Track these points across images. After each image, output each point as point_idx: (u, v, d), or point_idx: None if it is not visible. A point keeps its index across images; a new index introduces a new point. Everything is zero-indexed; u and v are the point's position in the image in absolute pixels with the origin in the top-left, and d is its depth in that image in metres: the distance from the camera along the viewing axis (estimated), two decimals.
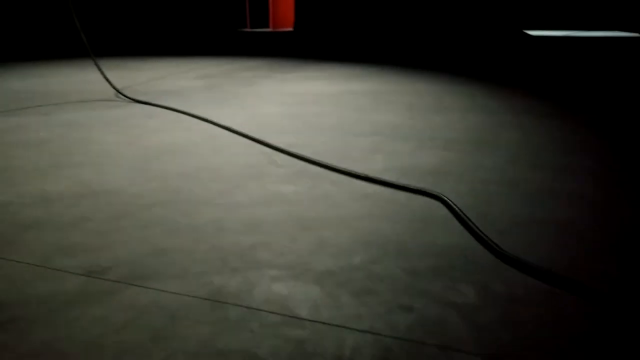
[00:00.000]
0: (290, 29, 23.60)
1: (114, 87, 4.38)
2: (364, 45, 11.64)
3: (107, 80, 4.40)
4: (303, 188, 2.02)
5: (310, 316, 1.14)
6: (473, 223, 1.63)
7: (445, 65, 6.77)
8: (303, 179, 2.13)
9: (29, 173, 2.21)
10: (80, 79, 5.38)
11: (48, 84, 5.06)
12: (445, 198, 1.82)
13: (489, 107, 3.76)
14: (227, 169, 2.29)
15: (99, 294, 1.25)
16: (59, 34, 15.04)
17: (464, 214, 1.70)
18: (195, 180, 2.13)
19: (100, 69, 4.39)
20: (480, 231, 1.57)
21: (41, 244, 1.53)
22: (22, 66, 6.72)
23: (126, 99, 4.10)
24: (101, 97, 4.25)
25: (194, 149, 2.62)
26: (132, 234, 1.60)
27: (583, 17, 17.38)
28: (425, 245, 1.51)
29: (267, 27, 23.16)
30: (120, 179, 2.13)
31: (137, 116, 3.46)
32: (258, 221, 1.69)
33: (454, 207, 1.75)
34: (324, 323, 1.12)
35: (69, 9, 4.36)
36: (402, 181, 2.05)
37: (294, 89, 4.71)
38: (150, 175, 2.18)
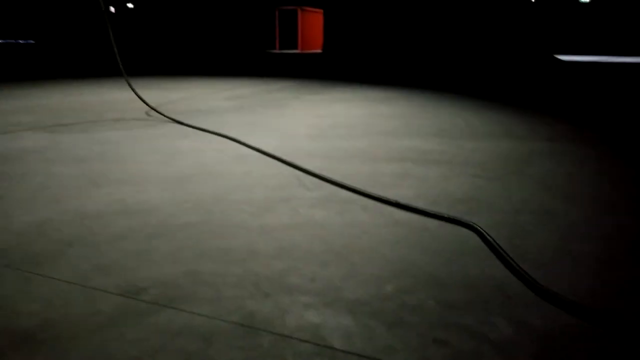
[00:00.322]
0: (318, 51, 23.91)
1: (148, 105, 4.49)
2: (392, 68, 11.70)
3: (141, 98, 4.52)
4: (333, 213, 2.03)
5: (343, 347, 1.14)
6: (507, 254, 1.60)
7: (474, 89, 6.75)
8: (333, 204, 2.13)
9: (69, 190, 2.28)
10: (117, 97, 5.55)
11: (86, 101, 5.23)
12: (479, 228, 1.80)
13: (520, 133, 3.72)
14: (258, 190, 2.31)
15: (135, 315, 1.27)
16: (99, 54, 15.55)
17: (497, 244, 1.67)
18: (227, 201, 2.15)
19: (132, 89, 4.51)
20: (515, 263, 1.54)
21: (79, 262, 1.57)
22: (63, 83, 6.97)
23: (160, 117, 4.20)
24: (136, 115, 4.37)
25: (225, 170, 2.66)
26: (166, 255, 1.62)
27: (616, 42, 17.10)
28: (459, 277, 1.49)
29: (296, 49, 23.53)
30: (155, 199, 2.18)
31: (171, 135, 3.54)
32: (289, 246, 1.70)
33: (488, 237, 1.72)
34: (358, 355, 1.11)
35: (108, 30, 4.51)
36: (433, 208, 2.03)
37: (323, 111, 4.76)
38: (183, 195, 2.22)
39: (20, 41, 31.40)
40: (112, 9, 29.00)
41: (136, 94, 4.51)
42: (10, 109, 4.64)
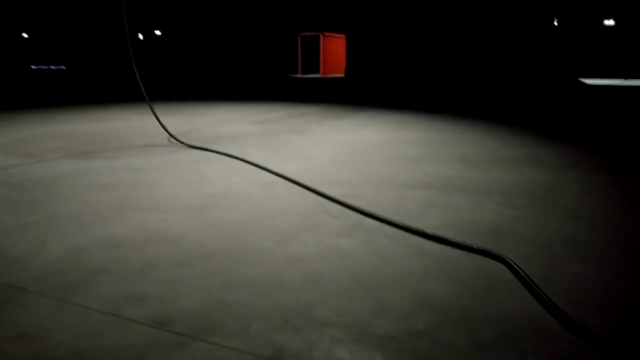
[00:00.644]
0: (340, 75, 24.17)
1: (169, 133, 4.55)
2: (414, 92, 11.72)
3: (163, 126, 4.58)
4: (359, 242, 2.02)
5: None
6: (539, 288, 1.57)
7: (497, 114, 6.70)
8: (358, 232, 2.13)
9: (99, 217, 2.33)
10: (144, 123, 5.67)
11: (115, 127, 5.36)
12: (509, 260, 1.77)
13: (546, 160, 3.67)
14: (283, 218, 2.32)
15: (166, 347, 1.28)
16: (127, 79, 15.98)
17: (529, 278, 1.64)
18: (252, 229, 2.17)
19: (156, 115, 4.57)
20: (548, 298, 1.51)
21: (110, 290, 1.59)
22: (93, 109, 7.18)
23: (187, 143, 4.27)
24: (163, 141, 4.45)
25: (250, 197, 2.68)
26: (195, 285, 1.63)
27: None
28: (490, 312, 1.46)
29: (318, 73, 23.82)
30: (182, 226, 2.20)
31: (196, 161, 3.60)
32: (316, 276, 1.70)
33: (519, 270, 1.69)
34: None
35: (131, 57, 4.63)
36: (461, 239, 2.01)
37: (346, 136, 4.78)
38: (210, 223, 2.25)
39: (52, 67, 32.53)
40: (140, 36, 29.88)
41: (159, 121, 4.57)
42: (43, 135, 4.78)
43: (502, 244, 1.99)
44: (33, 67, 32.68)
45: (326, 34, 23.66)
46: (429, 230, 2.10)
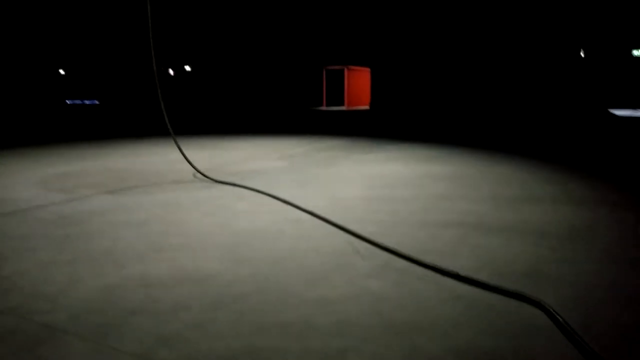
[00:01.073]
0: (364, 107, 24.39)
1: (196, 169, 4.61)
2: (441, 125, 11.70)
3: (190, 162, 4.64)
4: (390, 283, 1.99)
5: None
6: (578, 335, 1.51)
7: (526, 147, 6.62)
8: (389, 273, 2.10)
9: (132, 254, 2.36)
10: (175, 157, 5.79)
11: (148, 162, 5.49)
12: (546, 305, 1.71)
13: (579, 197, 3.58)
14: (313, 257, 2.31)
15: None
16: (158, 114, 16.41)
17: (567, 324, 1.58)
18: (282, 269, 2.16)
19: (182, 152, 4.63)
20: (589, 347, 1.44)
21: (143, 332, 1.60)
22: (126, 143, 7.38)
23: (217, 178, 4.34)
24: (191, 177, 4.53)
25: (279, 234, 2.68)
26: (225, 327, 1.63)
27: None
28: None
29: (342, 105, 24.09)
30: (213, 265, 2.21)
31: (226, 197, 3.64)
32: (347, 321, 1.67)
33: (557, 316, 1.63)
34: None
35: (158, 93, 4.76)
36: (496, 281, 1.96)
37: (373, 171, 4.78)
38: (240, 261, 2.25)
39: (86, 102, 33.79)
40: (171, 71, 30.88)
41: (185, 158, 4.63)
42: (79, 171, 4.93)
43: (538, 287, 1.93)
44: (68, 102, 34.01)
45: (350, 67, 24.01)
46: (462, 272, 2.06)
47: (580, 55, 17.54)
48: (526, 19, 17.88)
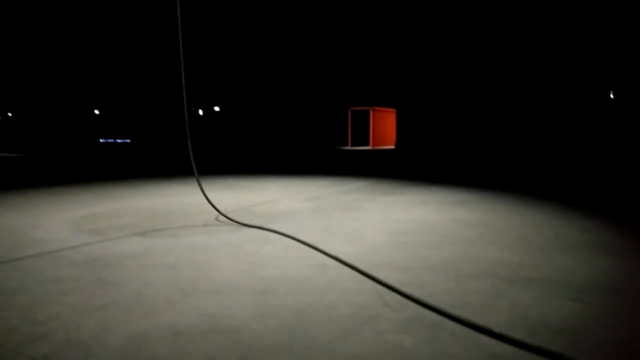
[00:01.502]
0: (388, 147, 24.47)
1: (220, 212, 4.65)
2: (466, 166, 11.62)
3: (213, 205, 4.68)
4: (422, 339, 1.94)
5: None
6: None
7: (557, 190, 6.49)
8: (420, 328, 2.05)
9: (160, 301, 2.37)
10: (200, 199, 5.87)
11: (176, 202, 5.58)
12: None
13: (617, 247, 3.47)
14: (340, 308, 2.28)
15: None
16: (187, 153, 16.79)
17: None
18: (309, 320, 2.14)
19: (205, 195, 4.68)
20: None
21: None
22: (156, 183, 7.54)
23: (243, 220, 4.37)
24: (219, 218, 4.58)
25: (306, 282, 2.66)
26: None
27: None
28: None
29: (367, 145, 24.23)
30: (242, 314, 2.20)
31: (253, 241, 3.65)
32: None
33: None
34: None
35: (187, 135, 4.88)
36: (531, 339, 1.89)
37: (399, 215, 4.74)
38: (268, 311, 2.24)
39: (118, 140, 34.86)
40: (200, 112, 31.75)
41: (208, 201, 4.68)
42: (110, 211, 5.04)
43: (578, 347, 1.86)
44: (101, 140, 35.15)
45: (375, 108, 24.28)
46: (496, 328, 1.99)
47: (610, 97, 17.36)
48: (555, 58, 17.90)
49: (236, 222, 4.39)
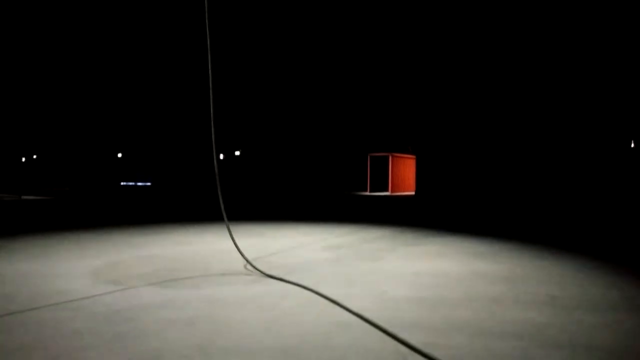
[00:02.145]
0: (408, 193, 24.38)
1: (247, 260, 4.68)
2: (488, 214, 11.46)
3: (241, 253, 4.73)
4: None
5: None
6: None
7: (580, 244, 6.33)
8: None
9: (180, 359, 2.34)
10: (224, 246, 5.89)
11: (196, 251, 5.59)
12: None
13: None
14: None
15: None
16: (207, 197, 17.01)
17: None
18: None
19: (234, 242, 4.76)
20: None
21: None
22: (177, 229, 7.59)
23: (259, 272, 4.34)
24: (239, 268, 4.56)
25: (327, 341, 2.60)
26: None
27: None
28: None
29: (386, 191, 24.20)
30: None
31: (273, 294, 3.61)
32: None
33: None
34: None
35: (216, 181, 4.97)
36: None
37: (421, 267, 4.66)
38: None
39: (139, 183, 35.47)
40: (221, 156, 32.28)
41: (238, 249, 4.74)
42: (129, 259, 5.07)
43: None
44: (122, 183, 35.83)
45: (395, 154, 24.40)
46: None
47: (631, 147, 17.17)
48: (576, 104, 17.89)
49: (260, 271, 4.37)
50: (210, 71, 4.97)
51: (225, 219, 4.80)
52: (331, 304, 3.33)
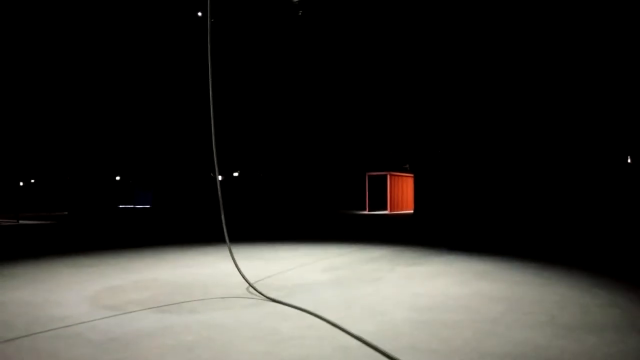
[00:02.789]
0: (406, 211, 24.36)
1: (248, 283, 4.67)
2: (487, 231, 11.44)
3: (242, 275, 4.73)
4: None
5: None
6: None
7: (580, 259, 6.31)
8: None
9: None
10: (223, 269, 5.87)
11: (195, 274, 5.56)
12: None
13: None
14: None
15: None
16: (206, 219, 16.98)
17: None
18: None
19: (236, 264, 4.76)
20: None
21: None
22: (175, 251, 7.56)
23: (260, 295, 4.32)
24: (239, 291, 4.54)
25: None
26: None
27: None
28: None
29: (385, 210, 24.18)
30: None
31: (272, 317, 3.59)
32: None
33: None
34: None
35: (220, 204, 4.99)
36: None
37: (421, 289, 4.65)
38: None
39: (138, 206, 35.43)
40: (220, 177, 32.34)
41: (239, 270, 4.74)
42: (127, 284, 5.04)
43: None
44: (121, 206, 35.77)
45: (393, 173, 24.46)
46: None
47: (628, 163, 17.25)
48: (572, 120, 18.03)
49: (260, 293, 4.35)
50: (211, 94, 5.04)
51: (228, 241, 4.80)
52: (331, 327, 3.32)
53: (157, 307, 3.97)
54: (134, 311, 3.82)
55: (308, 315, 3.65)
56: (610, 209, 16.94)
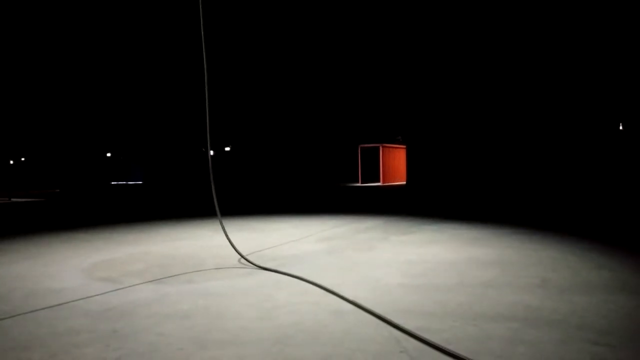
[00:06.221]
0: (399, 183, 24.46)
1: (240, 254, 4.69)
2: (478, 200, 11.54)
3: (234, 247, 4.74)
4: None
5: None
6: None
7: (572, 225, 6.40)
8: None
9: (175, 354, 2.35)
10: (216, 241, 5.88)
11: (189, 246, 5.58)
12: None
13: (636, 285, 3.39)
14: (359, 358, 2.23)
15: None
16: (199, 194, 16.97)
17: None
18: None
19: (228, 239, 4.77)
20: None
21: None
22: (169, 225, 7.57)
23: (256, 263, 4.35)
24: (233, 262, 4.56)
25: (323, 329, 2.62)
26: None
27: None
28: None
29: (377, 182, 24.25)
30: None
31: (267, 286, 3.62)
32: None
33: None
34: None
35: (210, 179, 4.98)
36: None
37: (414, 255, 4.70)
38: None
39: (130, 182, 35.28)
40: (211, 152, 32.19)
41: (231, 243, 4.76)
42: (122, 257, 5.05)
43: None
44: (113, 182, 35.61)
45: (385, 145, 24.43)
46: None
47: (620, 129, 17.34)
48: (565, 89, 18.01)
49: (254, 264, 4.37)
50: (205, 70, 4.99)
51: (219, 214, 4.81)
52: (326, 293, 3.35)
53: (152, 279, 3.99)
54: (130, 282, 3.84)
55: (302, 282, 3.69)
56: (602, 175, 17.09)
